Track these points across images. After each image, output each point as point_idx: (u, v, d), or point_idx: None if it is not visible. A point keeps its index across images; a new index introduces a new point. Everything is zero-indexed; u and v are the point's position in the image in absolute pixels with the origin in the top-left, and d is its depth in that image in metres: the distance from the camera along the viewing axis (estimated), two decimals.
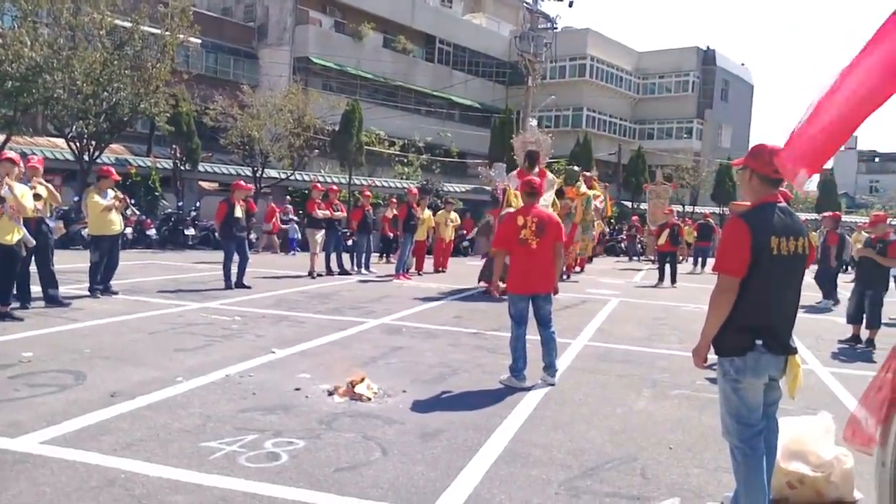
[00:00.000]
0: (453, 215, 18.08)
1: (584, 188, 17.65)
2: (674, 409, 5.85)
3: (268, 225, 21.93)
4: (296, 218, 22.83)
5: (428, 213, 17.18)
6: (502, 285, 6.74)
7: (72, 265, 12.98)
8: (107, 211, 10.28)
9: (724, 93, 54.34)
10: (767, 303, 3.41)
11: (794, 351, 3.49)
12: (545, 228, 6.35)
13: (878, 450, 2.51)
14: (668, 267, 17.01)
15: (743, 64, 58.61)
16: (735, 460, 3.51)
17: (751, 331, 3.38)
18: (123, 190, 12.25)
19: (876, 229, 9.88)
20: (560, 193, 15.59)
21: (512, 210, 8.92)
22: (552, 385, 6.37)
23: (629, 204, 38.33)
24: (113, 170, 10.87)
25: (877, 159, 75.28)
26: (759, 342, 3.36)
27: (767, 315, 3.41)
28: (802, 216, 8.39)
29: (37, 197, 8.71)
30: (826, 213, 16.54)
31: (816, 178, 46.02)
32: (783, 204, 3.49)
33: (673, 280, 16.90)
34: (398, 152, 33.91)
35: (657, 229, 19.23)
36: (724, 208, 35.90)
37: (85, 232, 15.00)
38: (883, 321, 9.87)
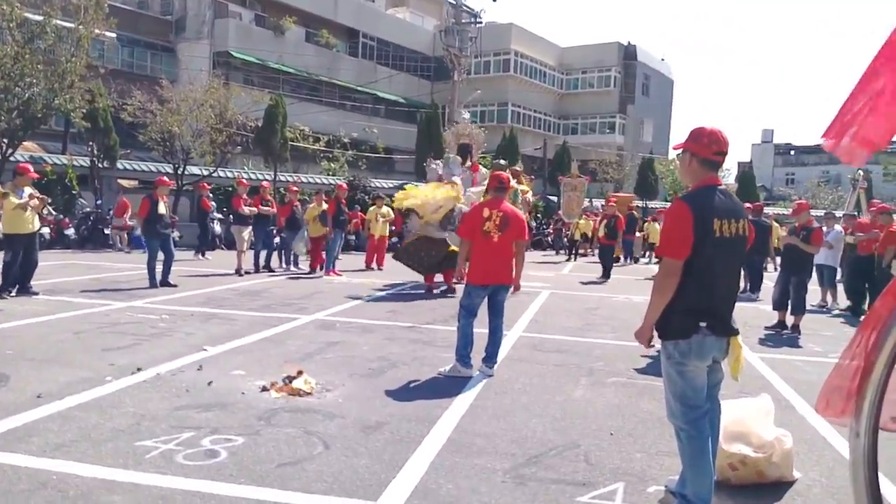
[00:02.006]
0: (385, 210, 17.85)
1: (511, 182, 17.76)
2: (612, 397, 5.94)
3: (119, 220, 20.30)
4: (219, 215, 22.28)
5: (325, 207, 15.39)
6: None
7: None
8: (21, 209, 9.82)
9: (645, 88, 55.65)
10: (711, 284, 3.44)
11: (736, 332, 3.54)
12: (509, 224, 6.44)
13: (851, 420, 2.56)
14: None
15: (663, 59, 60.15)
16: (681, 442, 3.54)
17: (695, 313, 3.41)
18: (40, 189, 11.67)
19: (800, 217, 10.19)
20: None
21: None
22: (490, 376, 6.39)
23: (554, 198, 38.88)
24: (30, 167, 10.39)
25: (792, 152, 78.12)
26: (703, 324, 3.40)
27: (711, 297, 3.45)
28: None
29: None
30: (747, 204, 17.10)
31: (735, 170, 47.71)
32: (723, 186, 3.54)
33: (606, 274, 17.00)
34: (324, 148, 33.50)
35: (594, 224, 19.31)
36: (647, 202, 36.76)
37: None
38: (807, 307, 10.24)
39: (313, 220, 15.11)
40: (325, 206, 15.38)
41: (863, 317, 11.50)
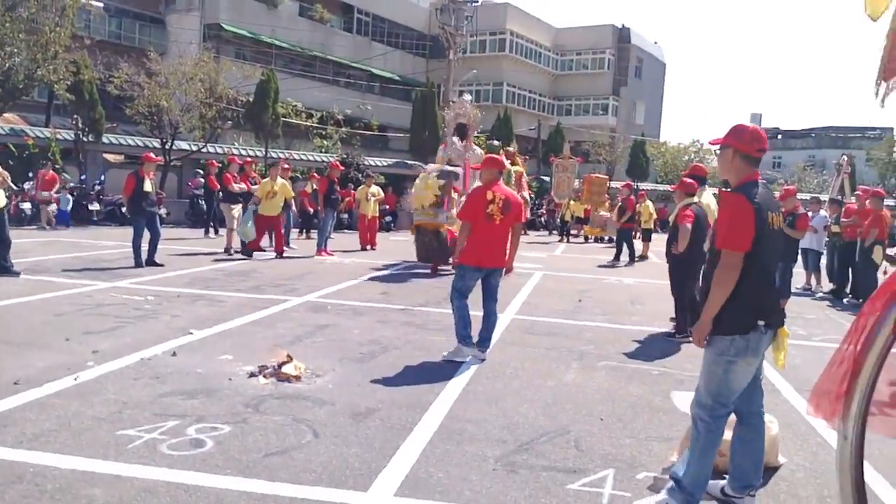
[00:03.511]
0: (375, 189, 17.67)
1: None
2: (602, 381, 5.89)
3: (46, 193, 18.65)
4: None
5: (282, 182, 14.40)
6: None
7: None
8: None
9: (638, 70, 55.47)
10: (767, 278, 3.45)
11: (784, 322, 3.54)
12: (510, 207, 6.39)
13: (839, 423, 2.55)
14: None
15: (656, 42, 59.95)
16: (697, 432, 3.52)
17: (754, 309, 3.38)
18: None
19: (786, 203, 10.19)
20: None
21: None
22: (482, 360, 6.32)
23: (548, 179, 38.78)
24: None
25: (779, 136, 78.49)
26: (761, 322, 3.37)
27: (768, 291, 3.46)
28: (713, 191, 8.63)
29: None
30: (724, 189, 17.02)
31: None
32: (763, 181, 3.54)
33: (630, 258, 16.81)
34: (316, 125, 33.16)
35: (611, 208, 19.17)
36: (639, 183, 36.71)
37: None
38: (792, 290, 10.27)
39: (266, 197, 13.92)
40: (280, 182, 14.21)
41: (845, 300, 11.66)
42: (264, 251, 14.93)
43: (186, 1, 36.35)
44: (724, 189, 14.51)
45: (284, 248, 14.68)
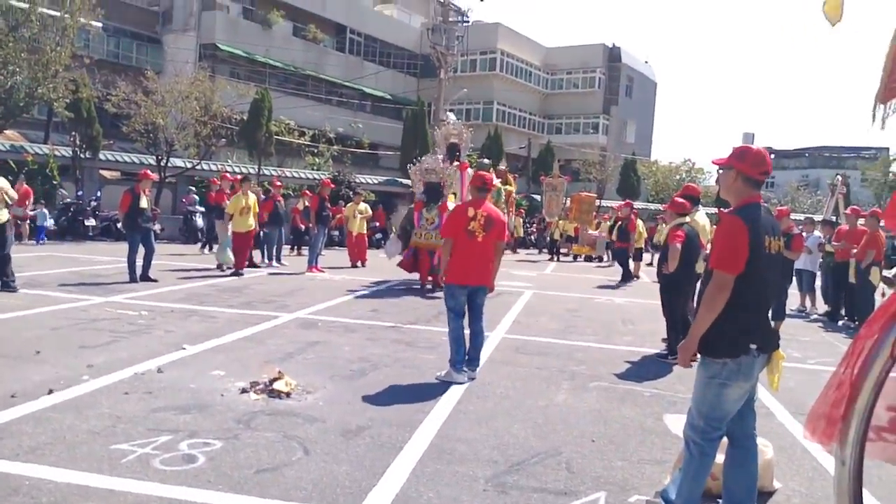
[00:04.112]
0: (362, 206, 17.77)
1: (494, 180, 17.77)
2: (593, 402, 5.92)
3: (20, 209, 17.60)
4: (202, 209, 22.09)
5: (253, 198, 14.11)
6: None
7: None
8: None
9: (628, 89, 55.83)
10: (760, 302, 3.44)
11: (778, 345, 3.54)
12: (493, 224, 6.41)
13: (836, 448, 2.54)
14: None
15: (647, 61, 60.41)
16: (691, 455, 3.51)
17: (745, 333, 3.37)
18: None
19: (780, 223, 10.24)
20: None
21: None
22: (472, 379, 6.36)
23: (538, 197, 38.95)
24: None
25: (773, 155, 78.61)
26: (753, 346, 3.37)
27: (760, 315, 3.46)
28: (707, 210, 8.71)
29: None
30: (721, 209, 17.19)
31: (716, 173, 47.99)
32: (765, 204, 3.55)
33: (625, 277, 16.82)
34: (309, 143, 33.31)
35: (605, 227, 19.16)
36: (623, 202, 36.83)
37: None
38: (787, 312, 10.26)
39: (239, 213, 13.57)
40: (251, 199, 13.90)
41: (840, 322, 11.62)
42: (259, 266, 15.00)
43: (183, 21, 36.56)
44: (721, 209, 14.62)
45: (281, 263, 14.73)
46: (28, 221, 18.63)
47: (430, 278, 13.06)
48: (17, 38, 20.11)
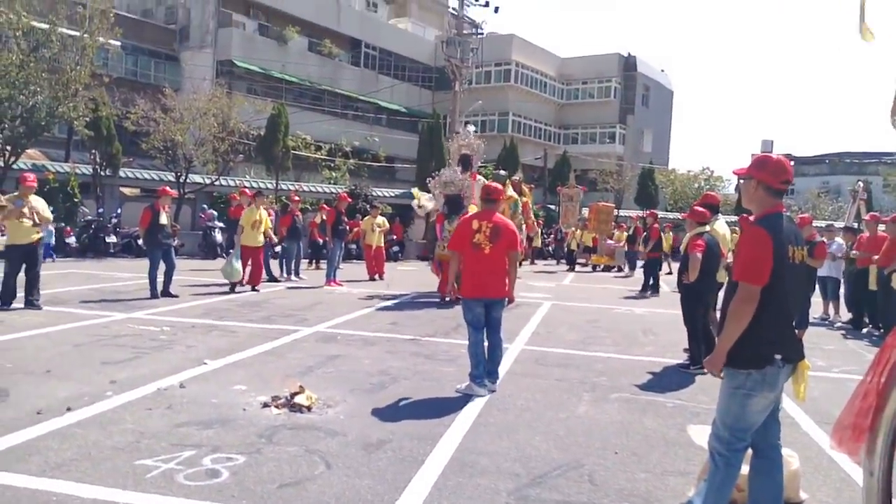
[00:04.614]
0: (380, 220, 17.86)
1: (510, 191, 17.77)
2: (615, 413, 5.89)
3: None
4: (221, 224, 22.27)
5: (264, 214, 13.85)
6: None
7: None
8: (15, 218, 9.69)
9: (644, 98, 55.69)
10: (785, 312, 3.41)
11: (804, 355, 3.51)
12: (500, 234, 6.36)
13: (864, 458, 2.50)
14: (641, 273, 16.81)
15: (663, 70, 60.22)
16: (716, 467, 3.49)
17: (770, 343, 3.35)
18: (42, 196, 11.43)
19: (803, 231, 10.16)
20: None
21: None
22: (493, 391, 6.35)
23: (554, 207, 38.88)
24: (30, 176, 10.14)
25: (792, 163, 77.97)
26: (778, 357, 3.34)
27: (785, 325, 3.43)
28: (727, 219, 8.63)
29: None
30: (745, 216, 17.02)
31: (735, 180, 47.65)
32: (787, 213, 3.52)
33: (654, 288, 16.55)
34: (325, 157, 33.50)
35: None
36: (647, 211, 36.69)
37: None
38: (810, 320, 10.13)
39: (250, 227, 13.30)
40: (263, 214, 13.64)
41: (864, 330, 11.45)
42: (278, 281, 15.09)
43: (200, 38, 36.98)
44: (744, 216, 14.47)
45: (300, 277, 14.74)
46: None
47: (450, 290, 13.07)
48: (38, 59, 20.44)
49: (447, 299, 12.92)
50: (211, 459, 4.36)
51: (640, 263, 19.18)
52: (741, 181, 3.64)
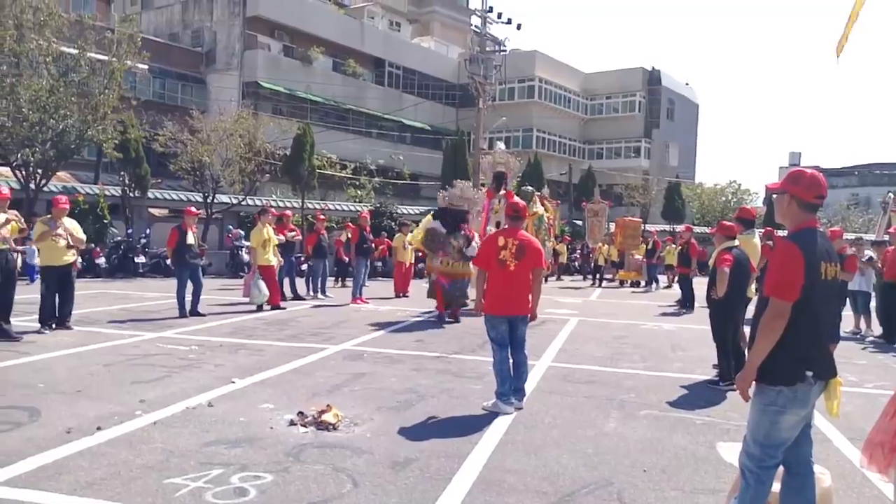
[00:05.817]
0: (411, 237, 17.87)
1: (536, 207, 17.73)
2: (644, 430, 5.82)
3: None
4: (248, 243, 22.46)
5: (272, 232, 13.51)
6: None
7: (23, 296, 12.49)
8: (50, 240, 9.85)
9: (669, 112, 55.46)
10: (817, 329, 3.37)
11: (836, 372, 3.46)
12: (525, 252, 6.36)
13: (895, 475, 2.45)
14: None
15: (687, 83, 59.98)
16: (747, 484, 3.45)
17: (802, 360, 3.31)
18: (73, 217, 11.53)
19: (833, 245, 10.04)
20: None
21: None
22: (520, 409, 6.31)
23: (580, 223, 38.77)
24: (62, 199, 10.27)
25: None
26: (809, 374, 3.30)
27: (817, 342, 3.38)
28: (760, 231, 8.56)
29: None
30: (769, 228, 16.85)
31: (763, 193, 47.17)
32: (821, 229, 3.48)
33: (689, 304, 16.13)
34: (350, 175, 33.75)
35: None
36: (675, 225, 36.48)
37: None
38: (841, 334, 9.98)
39: (260, 247, 13.03)
40: (268, 231, 13.22)
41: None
42: (304, 299, 15.16)
43: (226, 61, 37.54)
44: (769, 229, 14.28)
45: (326, 295, 14.77)
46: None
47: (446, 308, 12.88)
48: (68, 84, 20.96)
49: (447, 319, 12.67)
50: (239, 478, 4.38)
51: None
52: (774, 196, 3.59)
